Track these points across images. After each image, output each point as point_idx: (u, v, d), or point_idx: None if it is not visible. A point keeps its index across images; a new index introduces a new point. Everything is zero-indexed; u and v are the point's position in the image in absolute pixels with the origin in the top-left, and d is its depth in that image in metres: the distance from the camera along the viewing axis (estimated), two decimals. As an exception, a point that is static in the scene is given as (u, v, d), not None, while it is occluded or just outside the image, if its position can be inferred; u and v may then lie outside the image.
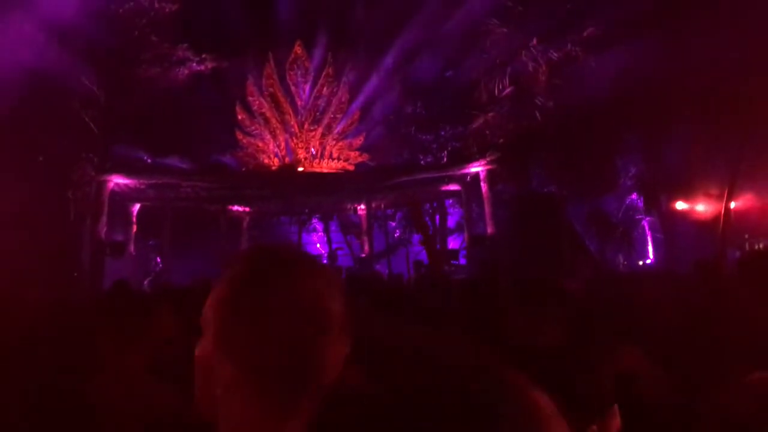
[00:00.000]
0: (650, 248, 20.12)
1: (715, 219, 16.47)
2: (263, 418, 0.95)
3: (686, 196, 18.14)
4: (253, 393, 0.95)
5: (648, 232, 19.94)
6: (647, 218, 19.70)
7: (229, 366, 0.96)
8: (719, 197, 16.55)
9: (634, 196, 19.50)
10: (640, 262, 19.54)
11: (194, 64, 19.25)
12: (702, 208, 17.66)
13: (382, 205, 20.98)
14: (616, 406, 1.53)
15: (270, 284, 0.98)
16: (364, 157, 19.49)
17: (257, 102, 19.12)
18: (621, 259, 18.99)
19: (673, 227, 18.28)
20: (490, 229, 16.89)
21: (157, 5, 18.17)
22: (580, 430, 1.45)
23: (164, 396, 1.96)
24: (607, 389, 1.54)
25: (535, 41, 17.87)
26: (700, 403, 2.13)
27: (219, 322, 0.98)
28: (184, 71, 19.07)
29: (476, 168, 17.32)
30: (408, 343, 0.92)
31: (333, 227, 24.64)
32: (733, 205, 16.41)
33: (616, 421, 1.52)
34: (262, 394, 0.95)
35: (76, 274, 15.33)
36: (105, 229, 15.87)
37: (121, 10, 17.53)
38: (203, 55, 19.45)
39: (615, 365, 1.70)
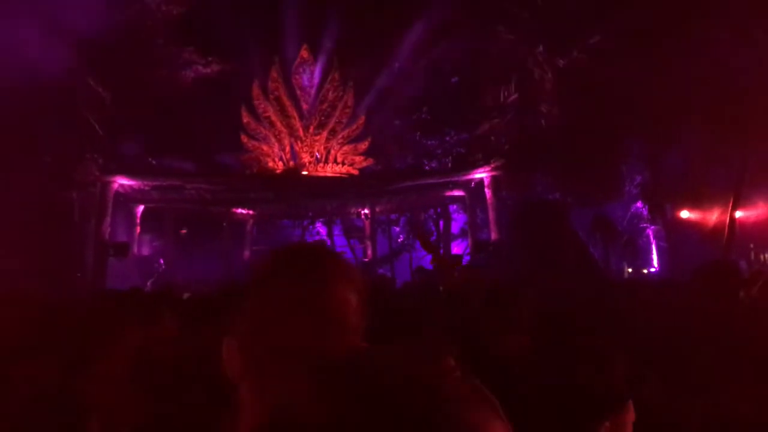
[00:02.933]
0: (655, 257, 20.05)
1: (720, 228, 16.40)
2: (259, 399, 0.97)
3: (691, 205, 18.07)
4: (255, 375, 0.99)
5: (653, 241, 19.87)
6: (652, 227, 19.64)
7: (240, 354, 1.00)
8: (724, 206, 16.48)
9: (639, 204, 19.45)
10: (645, 271, 19.47)
11: (200, 67, 19.35)
12: (707, 217, 17.59)
13: (386, 210, 20.98)
14: (630, 403, 1.52)
15: (272, 281, 1.02)
16: (369, 162, 19.48)
17: (262, 105, 19.13)
18: (625, 266, 18.94)
19: (678, 236, 18.21)
20: (494, 235, 16.87)
21: (164, 8, 18.25)
22: (594, 428, 1.46)
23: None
24: (620, 386, 1.53)
25: (541, 48, 17.88)
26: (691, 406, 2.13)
27: (240, 312, 1.03)
28: (189, 74, 19.17)
29: (481, 174, 17.32)
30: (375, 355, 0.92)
31: (336, 231, 24.63)
32: (738, 214, 16.34)
33: (630, 417, 1.51)
34: (263, 377, 0.98)
35: (79, 275, 15.35)
36: (109, 230, 15.90)
37: (128, 12, 17.60)
38: (209, 58, 19.54)
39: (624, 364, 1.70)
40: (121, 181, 16.37)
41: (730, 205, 16.12)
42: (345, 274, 1.06)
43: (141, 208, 17.82)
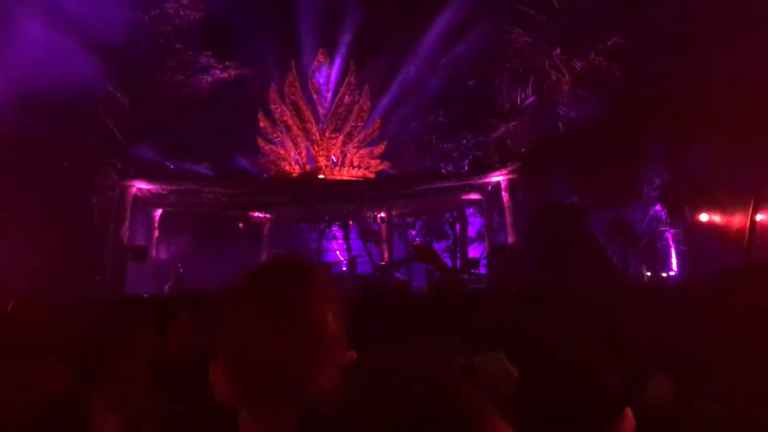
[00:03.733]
0: (674, 260, 19.84)
1: (741, 231, 16.19)
2: (253, 421, 0.97)
3: (711, 208, 17.86)
4: (243, 398, 0.97)
5: (672, 244, 19.67)
6: (671, 230, 19.44)
7: (224, 375, 0.99)
8: (745, 209, 16.27)
9: (658, 207, 19.26)
10: (664, 274, 19.27)
11: (217, 72, 19.48)
12: (727, 220, 17.38)
13: (403, 214, 20.97)
14: (628, 410, 1.49)
15: (249, 298, 1.01)
16: (385, 165, 19.49)
17: (279, 109, 19.22)
18: (644, 270, 18.75)
19: (698, 239, 18.01)
20: (511, 239, 16.78)
21: (182, 13, 18.40)
22: None
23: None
24: (617, 394, 1.49)
25: (558, 51, 17.79)
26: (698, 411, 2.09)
27: (217, 334, 1.01)
28: (207, 78, 19.29)
29: (497, 177, 17.25)
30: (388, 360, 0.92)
31: (353, 234, 24.66)
32: (759, 217, 16.12)
33: (628, 425, 1.48)
34: (251, 400, 0.97)
35: (98, 278, 15.48)
36: (127, 234, 16.03)
37: (146, 18, 17.78)
38: (226, 63, 19.67)
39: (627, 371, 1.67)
40: (140, 185, 16.50)
41: (751, 207, 15.91)
42: (325, 288, 1.05)
43: (159, 211, 17.94)
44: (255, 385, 0.95)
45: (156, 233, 17.77)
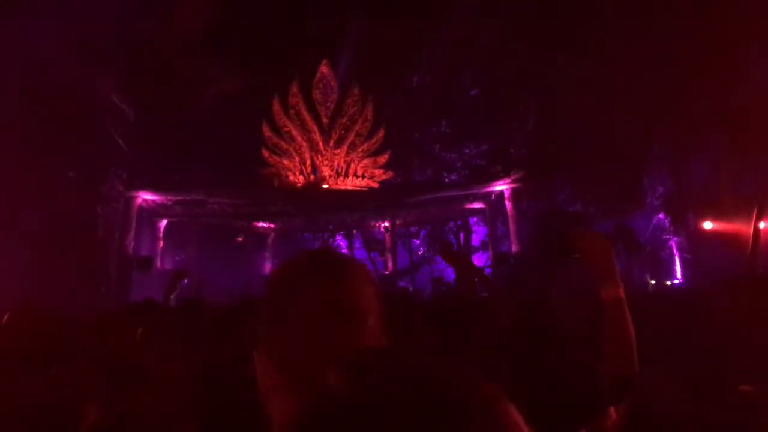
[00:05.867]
0: (678, 268, 19.80)
1: (745, 239, 16.18)
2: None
3: (715, 216, 17.86)
4: (291, 389, 0.97)
5: (676, 252, 19.64)
6: (675, 238, 19.42)
7: (271, 365, 1.00)
8: (748, 217, 16.27)
9: (661, 215, 19.26)
10: (668, 283, 19.23)
11: (222, 83, 19.56)
12: (731, 228, 17.37)
13: (406, 223, 20.98)
14: (611, 410, 1.51)
15: (299, 286, 1.02)
16: (389, 175, 19.53)
17: (283, 120, 19.30)
18: (648, 278, 18.72)
19: (702, 247, 17.99)
20: (514, 248, 16.79)
21: (186, 24, 18.50)
22: None
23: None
24: (598, 393, 1.52)
25: (560, 58, 17.84)
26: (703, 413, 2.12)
27: (261, 324, 1.03)
28: (211, 89, 19.38)
29: (501, 186, 17.28)
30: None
31: (357, 244, 24.65)
32: (762, 225, 16.11)
33: (609, 424, 1.50)
34: (297, 390, 0.97)
35: (103, 289, 15.52)
36: (132, 245, 16.09)
37: (151, 29, 17.89)
38: (231, 74, 19.76)
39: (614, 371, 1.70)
40: (145, 196, 16.58)
41: (754, 215, 15.91)
42: (366, 277, 1.08)
43: (164, 222, 18.00)
44: (302, 373, 0.97)
45: (161, 243, 17.83)
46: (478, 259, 22.24)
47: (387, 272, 19.12)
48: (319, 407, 0.81)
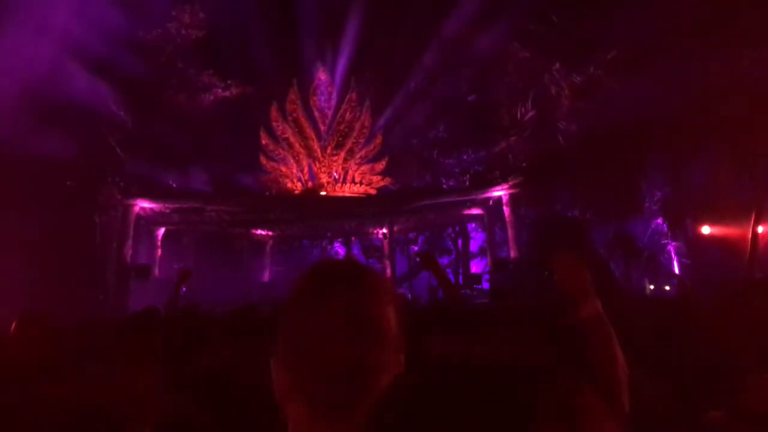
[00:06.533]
0: (677, 273, 19.80)
1: (743, 244, 16.18)
2: (315, 421, 0.98)
3: (712, 221, 17.86)
4: (307, 398, 0.98)
5: (674, 257, 19.64)
6: (673, 243, 19.42)
7: (286, 374, 1.00)
8: (746, 222, 16.27)
9: (659, 220, 19.27)
10: (667, 288, 19.23)
11: (219, 90, 19.60)
12: (729, 233, 17.37)
13: (404, 229, 20.97)
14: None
15: (319, 297, 1.02)
16: (387, 181, 19.53)
17: (281, 127, 19.31)
18: (647, 283, 18.72)
19: (700, 252, 17.99)
20: (513, 253, 16.77)
21: (183, 32, 18.55)
22: None
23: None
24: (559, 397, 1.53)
25: (557, 65, 17.88)
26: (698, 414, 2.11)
27: (279, 333, 1.03)
28: (209, 97, 19.41)
29: (499, 192, 17.27)
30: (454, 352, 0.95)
31: (355, 251, 24.63)
32: (761, 229, 16.12)
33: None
34: (313, 400, 0.98)
35: (101, 297, 15.48)
36: (130, 253, 16.06)
37: (148, 38, 17.93)
38: (228, 81, 19.80)
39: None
40: (143, 204, 16.56)
41: (752, 220, 15.92)
42: (384, 288, 1.07)
43: (162, 230, 17.98)
44: (319, 383, 0.97)
45: (159, 251, 17.80)
46: (477, 265, 22.26)
47: (385, 279, 19.06)
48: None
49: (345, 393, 0.97)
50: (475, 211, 18.56)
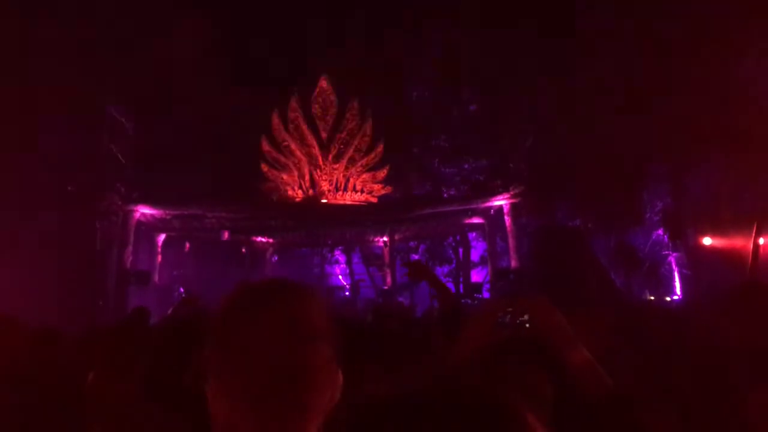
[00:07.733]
0: (677, 284, 19.76)
1: (744, 255, 16.13)
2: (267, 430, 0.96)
3: (714, 232, 17.82)
4: (254, 411, 0.96)
5: (675, 268, 19.60)
6: (674, 254, 19.38)
7: (225, 402, 0.98)
8: (748, 232, 16.23)
9: (660, 231, 19.24)
10: (668, 299, 19.18)
11: (221, 97, 19.61)
12: (730, 243, 17.32)
13: (405, 238, 20.96)
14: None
15: (251, 309, 1.03)
16: (388, 190, 19.51)
17: (282, 135, 19.32)
18: (648, 294, 18.67)
19: (701, 263, 17.94)
20: (514, 263, 16.75)
21: (186, 39, 18.58)
22: None
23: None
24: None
25: (558, 72, 17.90)
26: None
27: (210, 359, 1.01)
28: (211, 103, 19.42)
29: (500, 201, 17.26)
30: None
31: (355, 259, 24.63)
32: (762, 240, 16.08)
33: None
34: (263, 410, 0.96)
35: (100, 303, 15.46)
36: (131, 259, 16.05)
37: (150, 44, 17.95)
38: (230, 88, 19.82)
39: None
40: (143, 210, 16.56)
41: (754, 231, 15.88)
42: (318, 301, 1.07)
43: (162, 236, 17.97)
44: (259, 398, 0.96)
45: (159, 258, 17.79)
46: (478, 275, 22.23)
47: (386, 287, 19.07)
48: None
49: (293, 393, 0.96)
50: (476, 220, 18.55)
